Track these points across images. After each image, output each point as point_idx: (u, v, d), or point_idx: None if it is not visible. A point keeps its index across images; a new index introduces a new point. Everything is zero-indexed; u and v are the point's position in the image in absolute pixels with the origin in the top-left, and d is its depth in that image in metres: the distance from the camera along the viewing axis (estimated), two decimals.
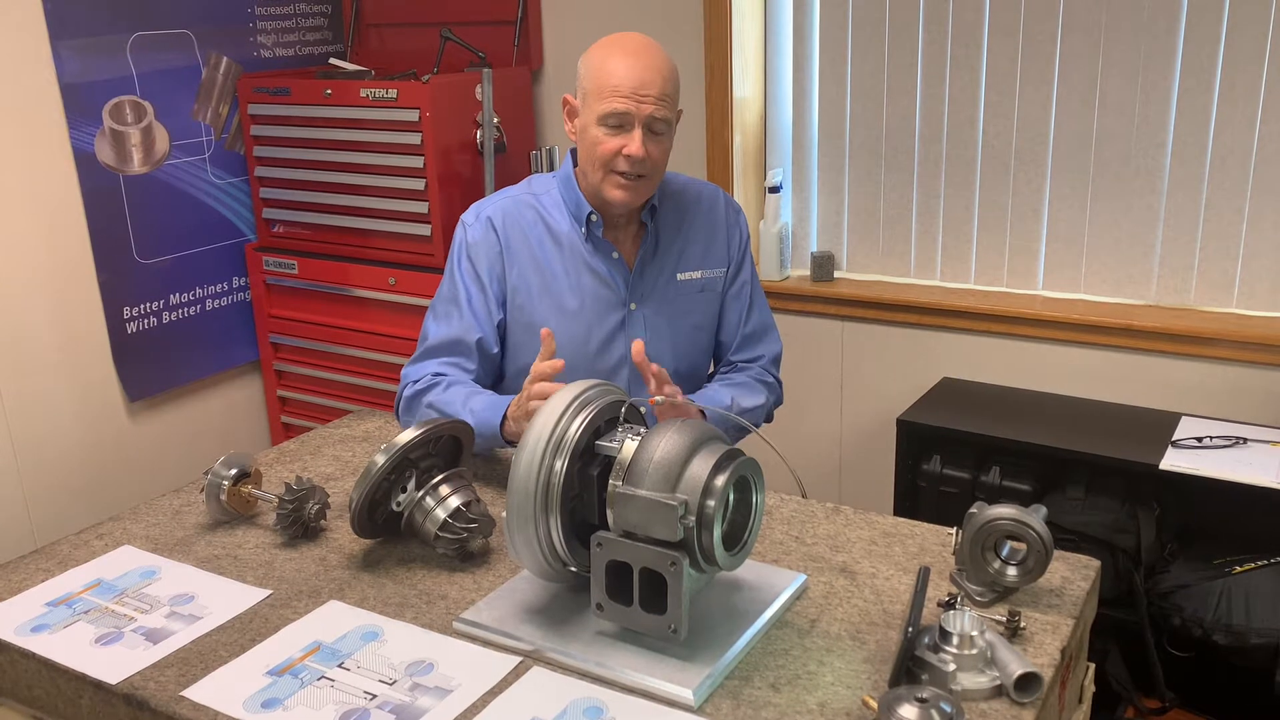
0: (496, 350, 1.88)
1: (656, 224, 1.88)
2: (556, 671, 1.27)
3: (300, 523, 1.58)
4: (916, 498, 2.57)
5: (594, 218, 1.84)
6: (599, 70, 1.74)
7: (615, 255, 1.86)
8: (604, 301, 1.86)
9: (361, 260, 3.06)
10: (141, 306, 3.00)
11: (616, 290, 1.87)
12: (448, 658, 1.29)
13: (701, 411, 1.79)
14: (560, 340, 1.84)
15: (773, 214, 2.94)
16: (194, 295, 3.15)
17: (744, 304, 1.98)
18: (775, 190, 2.93)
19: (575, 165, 1.87)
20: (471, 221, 1.88)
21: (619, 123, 1.73)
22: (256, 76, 3.15)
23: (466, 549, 1.50)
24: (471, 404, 1.76)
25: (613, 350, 1.87)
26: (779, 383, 2.03)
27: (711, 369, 2.04)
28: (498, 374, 1.93)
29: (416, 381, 1.84)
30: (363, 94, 2.89)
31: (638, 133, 1.73)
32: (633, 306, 1.88)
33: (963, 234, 2.82)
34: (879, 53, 2.80)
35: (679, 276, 1.91)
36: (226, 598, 1.44)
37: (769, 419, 2.00)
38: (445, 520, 1.48)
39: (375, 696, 1.22)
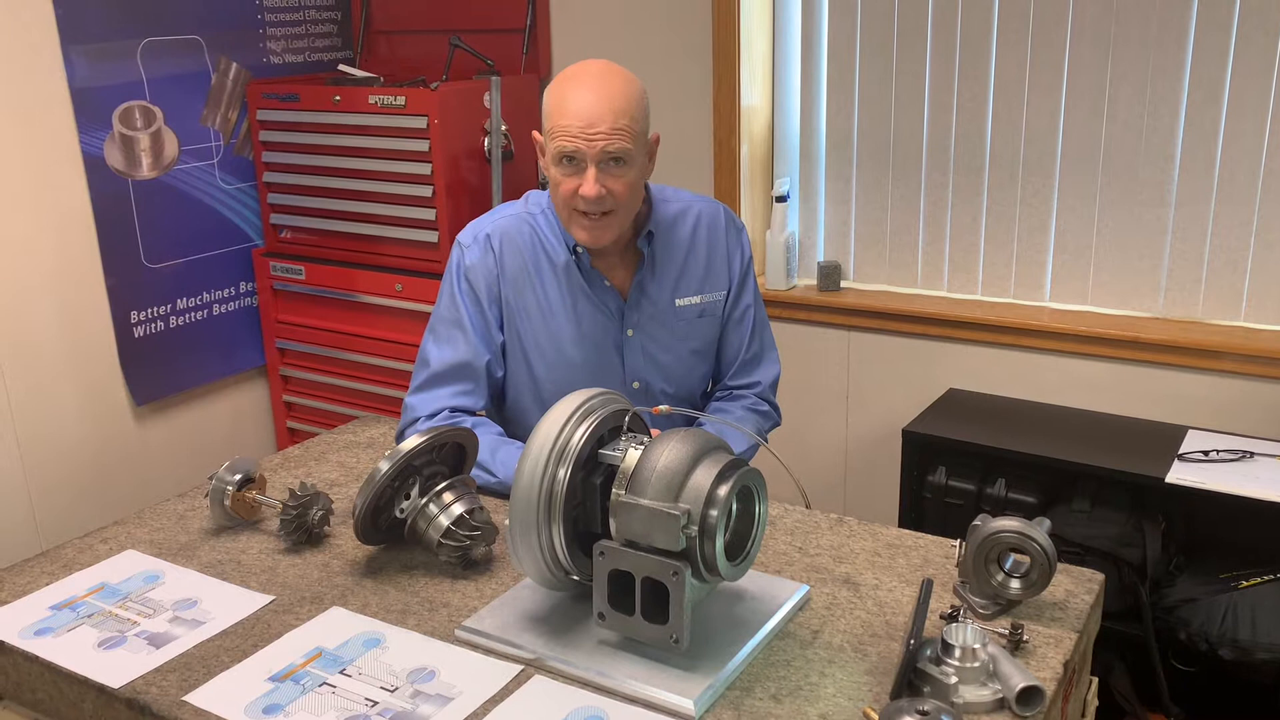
0: (501, 373, 1.86)
1: (653, 250, 1.84)
2: (558, 680, 1.27)
3: (304, 528, 1.58)
4: (921, 509, 2.56)
5: (579, 249, 1.80)
6: (554, 108, 1.68)
7: (607, 284, 1.83)
8: (600, 327, 1.83)
9: (368, 266, 3.07)
10: (149, 311, 3.01)
11: (612, 317, 1.84)
12: (449, 665, 1.29)
13: None
14: (557, 365, 1.83)
15: (779, 223, 2.94)
16: (201, 300, 3.16)
17: (745, 330, 1.94)
18: (782, 199, 2.93)
19: None
20: (469, 243, 1.84)
21: (572, 161, 1.68)
22: (266, 82, 3.16)
23: (469, 556, 1.51)
24: (501, 454, 1.73)
25: (609, 377, 1.85)
26: (776, 409, 2.00)
27: (709, 387, 2.01)
28: (500, 397, 1.91)
29: (432, 417, 1.78)
30: (371, 101, 2.90)
31: (591, 172, 1.66)
32: (630, 333, 1.85)
33: (970, 245, 2.82)
34: (887, 62, 2.80)
35: (677, 302, 1.87)
36: (229, 603, 1.44)
37: (764, 439, 1.98)
38: (448, 527, 1.49)
39: (376, 703, 1.22)
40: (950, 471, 2.51)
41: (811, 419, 3.00)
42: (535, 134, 1.78)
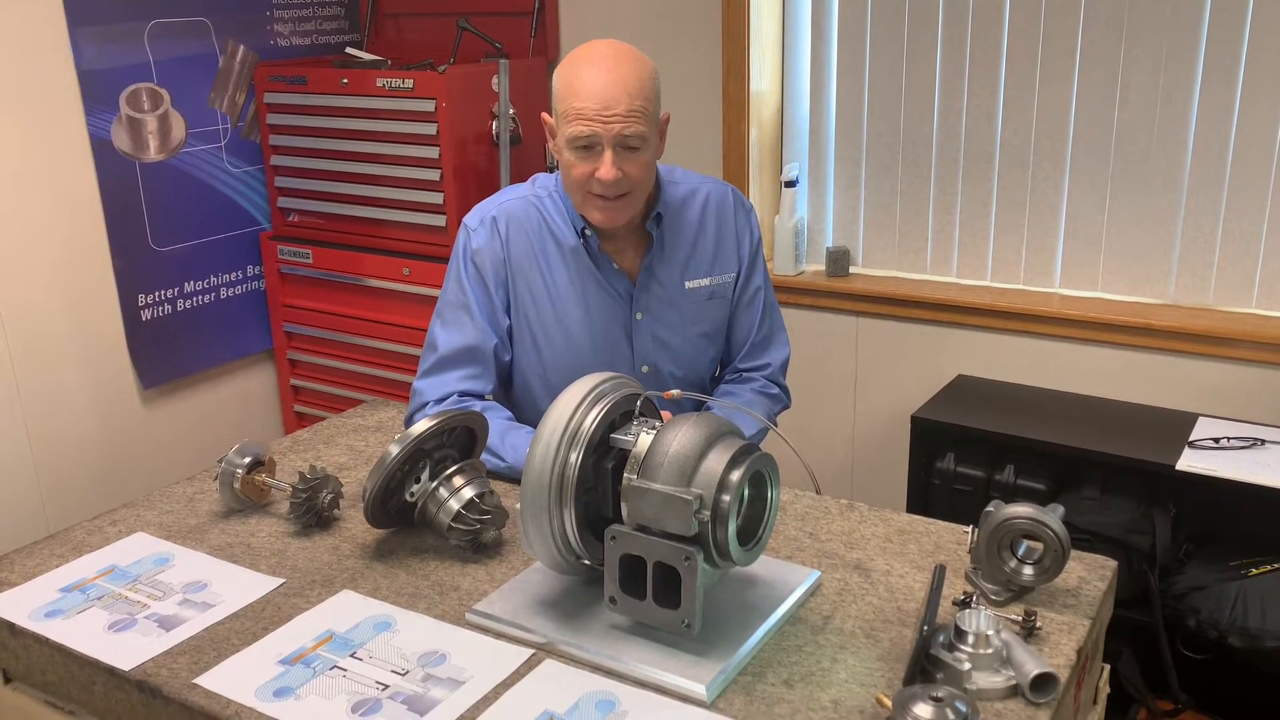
0: (509, 357, 1.85)
1: (662, 232, 1.82)
2: (569, 664, 1.26)
3: (313, 512, 1.58)
4: (930, 495, 2.55)
5: (588, 232, 1.78)
6: (566, 90, 1.66)
7: (615, 267, 1.81)
8: (609, 311, 1.82)
9: (376, 250, 3.06)
10: (156, 294, 3.01)
11: (621, 301, 1.83)
12: (460, 649, 1.29)
13: None
14: (564, 349, 1.82)
15: (788, 208, 2.93)
16: (209, 283, 3.15)
17: (756, 313, 1.93)
18: (791, 185, 2.92)
19: None
20: (475, 226, 1.82)
21: (588, 145, 1.65)
22: (273, 65, 3.15)
23: (479, 540, 1.50)
24: (510, 439, 1.72)
25: (618, 361, 1.84)
26: (785, 391, 1.99)
27: (718, 371, 2.00)
28: (508, 381, 1.90)
29: (441, 401, 1.78)
30: (379, 84, 2.88)
31: (608, 155, 1.64)
32: (639, 316, 1.84)
33: (980, 230, 2.80)
34: (898, 47, 2.78)
35: (687, 285, 1.85)
36: (239, 586, 1.44)
37: (774, 423, 1.98)
38: (458, 511, 1.48)
39: (387, 687, 1.22)
40: (959, 458, 2.50)
41: (820, 405, 2.99)
42: (545, 116, 1.77)
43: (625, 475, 1.24)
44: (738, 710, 1.18)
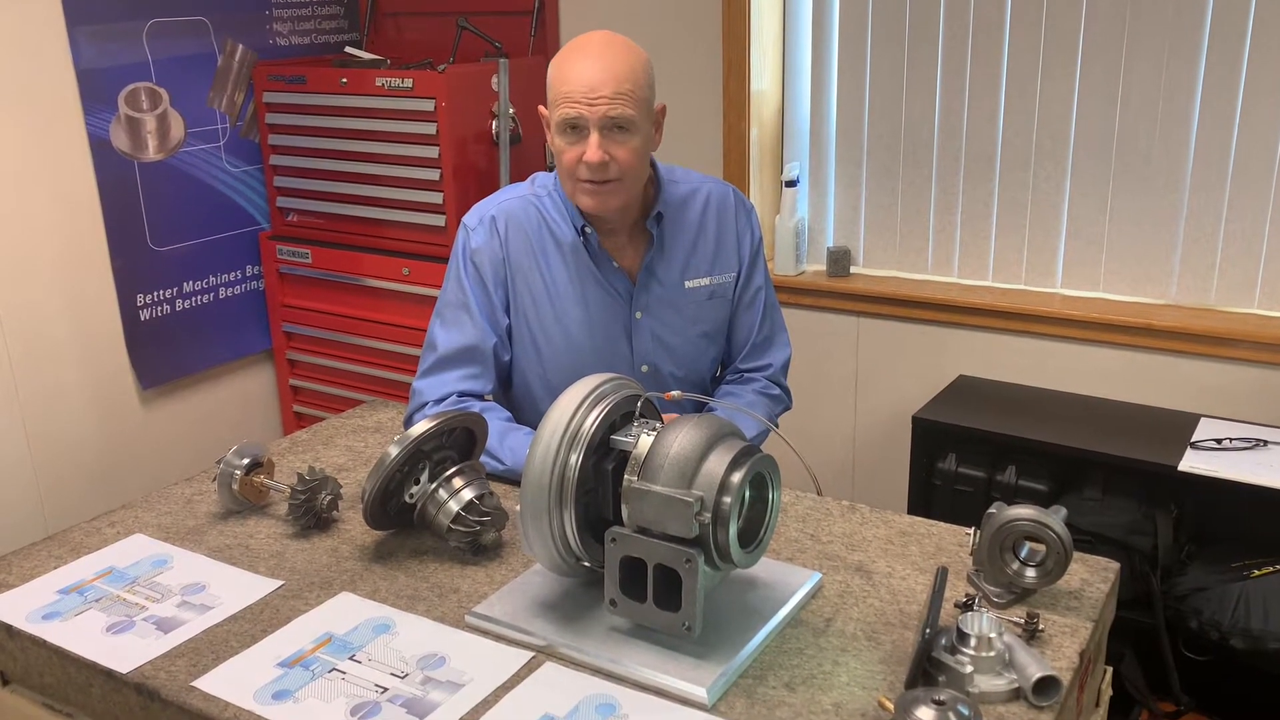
0: (508, 357, 1.85)
1: (662, 231, 1.82)
2: (569, 667, 1.26)
3: (312, 513, 1.57)
4: (931, 496, 2.55)
5: (588, 229, 1.78)
6: (556, 77, 1.68)
7: (615, 266, 1.81)
8: (609, 311, 1.82)
9: (375, 250, 3.05)
10: (155, 294, 3.00)
11: (621, 300, 1.82)
12: (460, 652, 1.28)
13: None
14: (564, 349, 1.81)
15: (789, 208, 2.92)
16: (207, 283, 3.15)
17: (757, 313, 1.92)
18: (792, 184, 2.91)
19: None
20: (474, 225, 1.81)
21: (575, 127, 1.66)
22: (272, 64, 3.14)
23: (479, 542, 1.50)
24: (509, 441, 1.72)
25: (618, 361, 1.83)
26: (786, 392, 1.99)
27: (719, 371, 2.00)
28: (507, 381, 1.90)
29: (440, 401, 1.78)
30: (378, 83, 2.88)
31: (594, 137, 1.64)
32: (638, 315, 1.83)
33: (981, 230, 2.80)
34: (899, 46, 2.78)
35: (687, 284, 1.85)
36: (238, 588, 1.43)
37: (775, 424, 1.97)
38: (458, 513, 1.48)
39: (386, 690, 1.22)
40: (960, 458, 2.50)
41: (820, 405, 2.99)
42: (541, 108, 1.77)
43: (626, 477, 1.24)
44: (739, 713, 1.17)
